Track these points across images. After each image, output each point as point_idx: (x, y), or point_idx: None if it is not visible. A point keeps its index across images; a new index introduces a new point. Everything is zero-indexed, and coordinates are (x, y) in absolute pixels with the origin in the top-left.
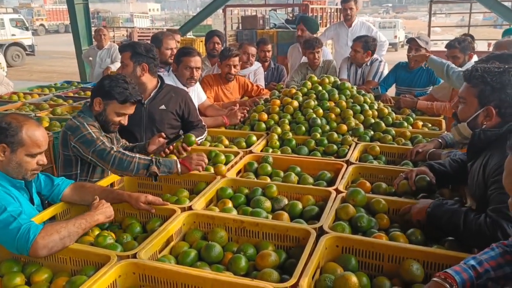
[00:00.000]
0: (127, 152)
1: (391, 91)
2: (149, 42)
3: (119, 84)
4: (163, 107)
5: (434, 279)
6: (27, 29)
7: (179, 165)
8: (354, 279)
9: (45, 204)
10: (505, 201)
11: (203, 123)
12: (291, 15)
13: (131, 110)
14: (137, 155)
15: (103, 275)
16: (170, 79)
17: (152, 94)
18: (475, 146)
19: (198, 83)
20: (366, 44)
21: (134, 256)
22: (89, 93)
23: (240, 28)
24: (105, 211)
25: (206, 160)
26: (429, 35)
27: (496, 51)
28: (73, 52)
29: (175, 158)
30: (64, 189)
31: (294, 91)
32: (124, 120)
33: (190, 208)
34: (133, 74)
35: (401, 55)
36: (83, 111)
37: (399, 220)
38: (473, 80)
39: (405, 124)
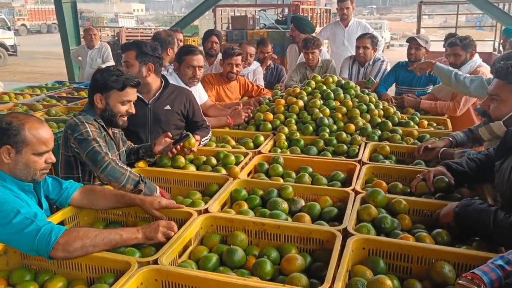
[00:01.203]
0: (120, 163)
1: (391, 91)
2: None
3: (112, 73)
4: (168, 107)
5: (460, 281)
6: (9, 29)
7: (158, 193)
8: (389, 282)
9: (53, 208)
10: None
11: (207, 123)
12: (281, 15)
13: (133, 95)
14: (129, 169)
15: (125, 283)
16: (172, 79)
17: (156, 94)
18: (506, 144)
19: (199, 83)
20: (373, 40)
21: (155, 262)
22: (82, 93)
23: (230, 28)
24: (148, 232)
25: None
26: None
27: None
28: (56, 52)
29: (182, 159)
30: (73, 192)
31: (298, 90)
32: (131, 108)
33: (206, 211)
34: (138, 75)
35: (388, 56)
36: (85, 110)
37: (421, 221)
38: (510, 77)
39: (411, 123)
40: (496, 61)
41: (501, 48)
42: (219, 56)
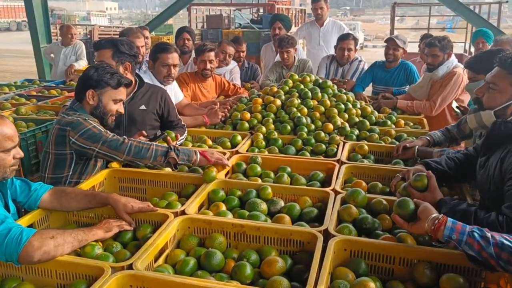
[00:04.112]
0: (142, 141)
1: (368, 91)
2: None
3: (107, 70)
4: (143, 107)
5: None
6: None
7: (198, 155)
8: (372, 285)
9: (21, 212)
10: None
11: (183, 123)
12: (256, 15)
13: (124, 94)
14: (154, 143)
15: None
16: (147, 77)
17: (131, 94)
18: (492, 139)
19: (175, 81)
20: (356, 41)
21: (129, 267)
22: (53, 91)
23: (205, 27)
24: (105, 227)
25: (226, 162)
26: None
27: (497, 47)
28: (27, 50)
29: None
30: (43, 194)
31: (275, 89)
32: (121, 108)
33: (183, 212)
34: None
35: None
36: (76, 109)
37: None
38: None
39: (389, 122)
40: (471, 57)
41: (472, 49)
42: (193, 54)
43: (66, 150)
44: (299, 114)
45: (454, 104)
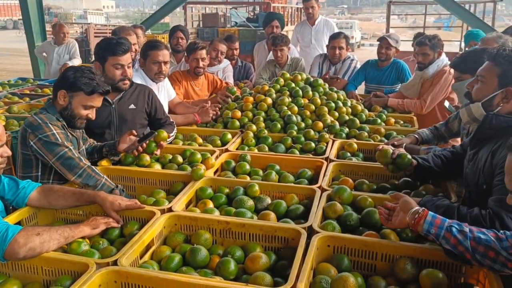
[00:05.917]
0: (96, 170)
1: (360, 89)
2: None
3: (85, 75)
4: (132, 106)
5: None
6: None
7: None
8: (352, 279)
9: (9, 209)
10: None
11: (171, 120)
12: (252, 13)
13: (98, 102)
14: (105, 177)
15: (82, 285)
16: (138, 75)
17: (120, 94)
18: (484, 132)
19: (167, 79)
20: (347, 40)
21: (114, 263)
22: (47, 90)
23: (201, 25)
24: (92, 224)
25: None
26: None
27: (483, 45)
28: (23, 49)
29: (147, 157)
30: (30, 192)
31: (266, 88)
32: (92, 114)
33: (170, 209)
34: (105, 74)
35: (358, 55)
36: (46, 108)
37: None
38: (498, 59)
39: (379, 121)
40: (456, 57)
41: (467, 49)
42: None
43: (28, 151)
44: (289, 113)
45: (447, 103)
